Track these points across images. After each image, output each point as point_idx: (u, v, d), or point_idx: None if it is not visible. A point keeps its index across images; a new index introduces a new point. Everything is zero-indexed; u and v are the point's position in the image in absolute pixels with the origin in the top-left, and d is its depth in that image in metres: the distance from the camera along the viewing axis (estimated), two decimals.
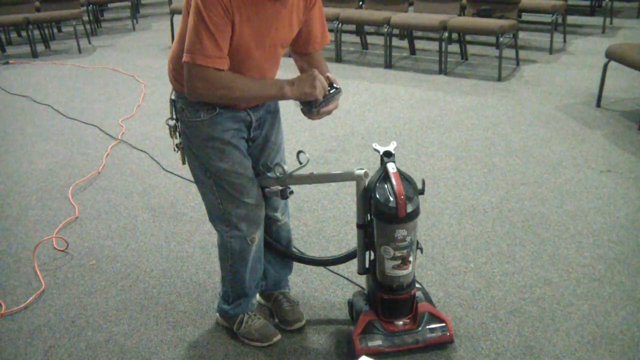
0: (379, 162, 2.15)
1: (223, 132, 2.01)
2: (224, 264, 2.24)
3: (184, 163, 2.14)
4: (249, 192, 2.09)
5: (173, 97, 2.06)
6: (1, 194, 3.70)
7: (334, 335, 2.34)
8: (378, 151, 2.15)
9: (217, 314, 2.42)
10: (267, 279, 2.45)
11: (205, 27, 1.74)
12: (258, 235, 2.18)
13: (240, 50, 1.87)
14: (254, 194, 2.11)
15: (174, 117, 2.08)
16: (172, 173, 3.84)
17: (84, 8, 8.15)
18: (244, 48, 1.87)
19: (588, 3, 8.11)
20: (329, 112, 1.93)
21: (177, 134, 2.10)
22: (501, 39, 5.44)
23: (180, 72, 1.91)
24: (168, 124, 2.10)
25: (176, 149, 2.14)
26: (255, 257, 2.23)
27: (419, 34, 7.01)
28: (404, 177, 2.06)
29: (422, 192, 2.08)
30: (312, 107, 1.88)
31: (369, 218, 2.16)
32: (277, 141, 2.23)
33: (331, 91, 1.90)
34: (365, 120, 4.58)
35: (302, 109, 1.92)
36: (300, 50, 2.10)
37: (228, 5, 1.75)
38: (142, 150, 4.22)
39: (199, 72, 1.80)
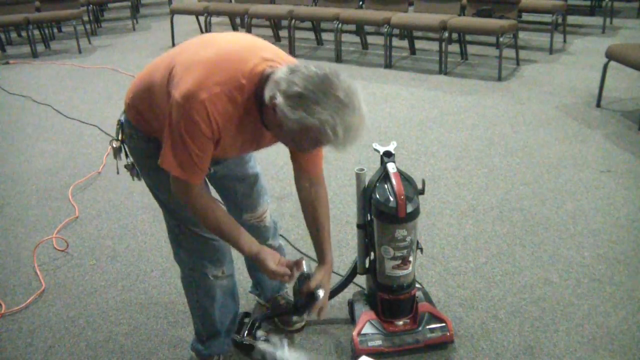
0: (379, 162, 2.15)
1: None
2: (189, 298, 2.08)
3: (133, 179, 1.97)
4: None
5: (122, 119, 1.85)
6: (1, 194, 3.70)
7: (334, 335, 2.34)
8: (378, 151, 2.16)
9: (192, 352, 2.23)
10: (264, 289, 2.41)
11: (183, 147, 1.55)
12: (225, 271, 2.00)
13: (220, 154, 1.69)
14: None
15: (119, 138, 1.87)
16: None
17: (84, 8, 8.15)
18: (224, 154, 1.73)
19: (588, 3, 8.10)
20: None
21: (124, 154, 1.90)
22: (501, 39, 5.44)
23: (137, 105, 1.75)
24: (112, 146, 1.90)
25: (125, 169, 1.93)
26: (225, 293, 2.06)
27: (419, 34, 7.00)
28: (404, 177, 2.06)
29: (422, 192, 2.08)
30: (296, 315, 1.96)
31: (369, 218, 2.16)
32: (245, 172, 2.03)
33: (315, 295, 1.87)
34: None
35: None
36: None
37: (216, 132, 1.55)
38: None
39: (175, 180, 1.65)
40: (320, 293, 1.87)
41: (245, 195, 2.09)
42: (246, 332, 2.20)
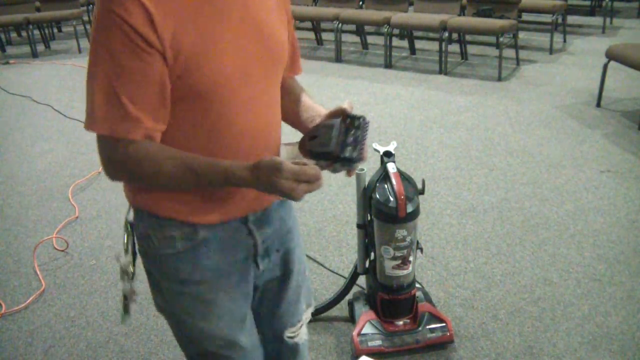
0: (379, 162, 2.15)
1: (209, 271, 1.25)
2: None
3: (123, 322, 1.43)
4: None
5: (130, 217, 1.29)
6: (1, 194, 3.70)
7: (334, 335, 2.34)
8: (378, 151, 2.16)
9: None
10: None
11: (104, 75, 1.02)
12: None
13: (202, 92, 1.09)
14: None
15: (130, 248, 1.37)
16: None
17: (84, 8, 8.15)
18: (208, 85, 1.08)
19: (588, 3, 8.11)
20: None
21: (132, 274, 1.40)
22: (501, 39, 5.44)
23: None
24: (120, 262, 1.38)
25: (124, 300, 1.39)
26: None
27: (419, 34, 7.00)
28: (404, 177, 2.06)
29: (422, 192, 2.08)
30: (346, 165, 1.25)
31: (369, 218, 2.16)
32: (300, 268, 1.47)
33: (356, 124, 1.26)
34: None
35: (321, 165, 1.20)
36: None
37: (155, 15, 1.00)
38: None
39: (100, 143, 1.09)
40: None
41: (289, 301, 1.45)
42: None
